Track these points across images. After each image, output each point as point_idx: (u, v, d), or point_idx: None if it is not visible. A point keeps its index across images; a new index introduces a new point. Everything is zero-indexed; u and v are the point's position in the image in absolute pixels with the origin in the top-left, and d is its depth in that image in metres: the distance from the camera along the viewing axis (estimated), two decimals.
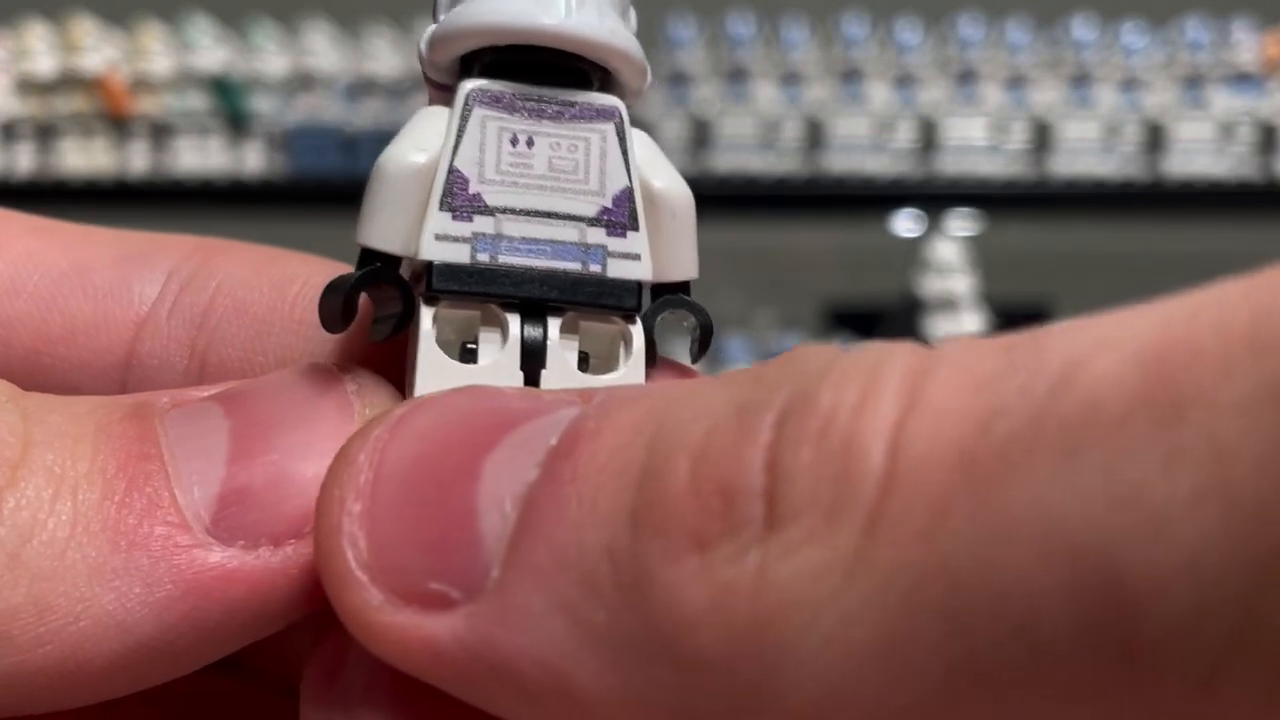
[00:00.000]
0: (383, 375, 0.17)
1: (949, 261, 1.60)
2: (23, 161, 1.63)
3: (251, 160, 1.64)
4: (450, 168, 0.16)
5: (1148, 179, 1.62)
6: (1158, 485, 0.10)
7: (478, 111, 0.17)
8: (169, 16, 1.66)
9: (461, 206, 0.16)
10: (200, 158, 1.63)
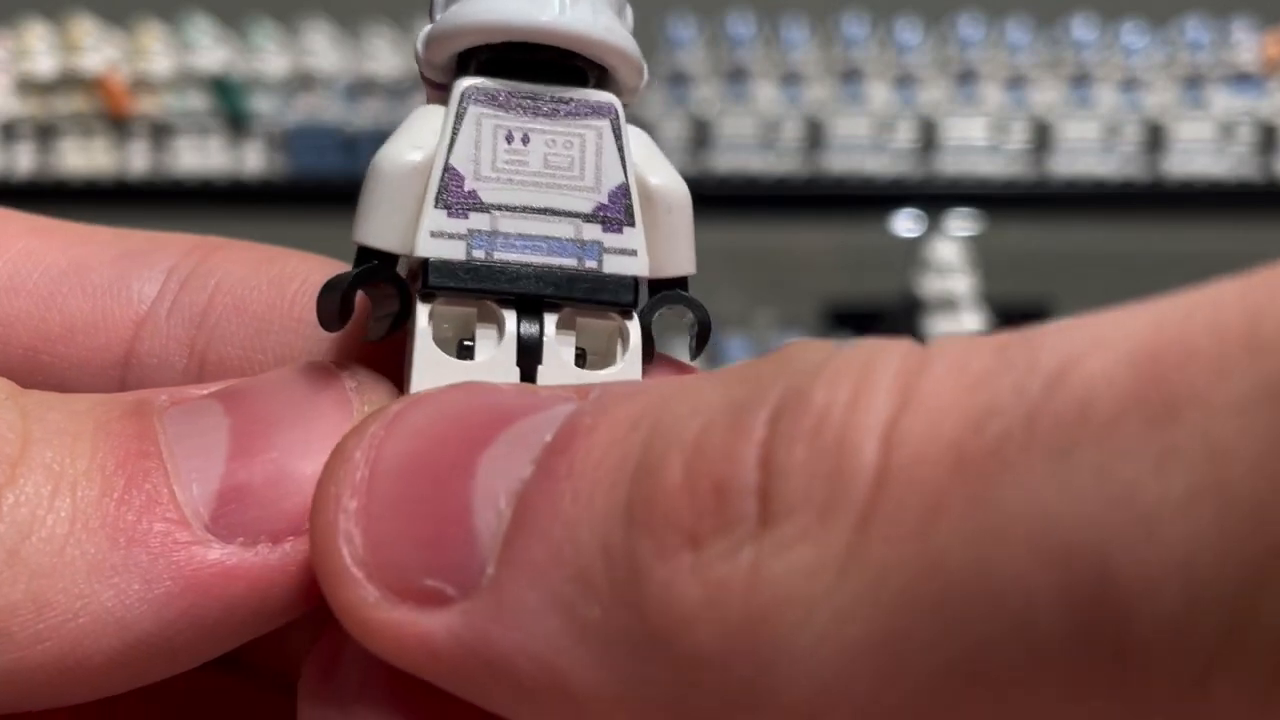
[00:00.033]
0: (382, 373, 0.17)
1: (949, 261, 1.60)
2: (23, 161, 1.63)
3: (251, 160, 1.64)
4: (446, 165, 0.17)
5: (1148, 179, 1.62)
6: (1151, 485, 0.10)
7: (473, 109, 0.17)
8: (169, 16, 1.65)
9: (457, 204, 0.17)
10: (200, 158, 1.63)
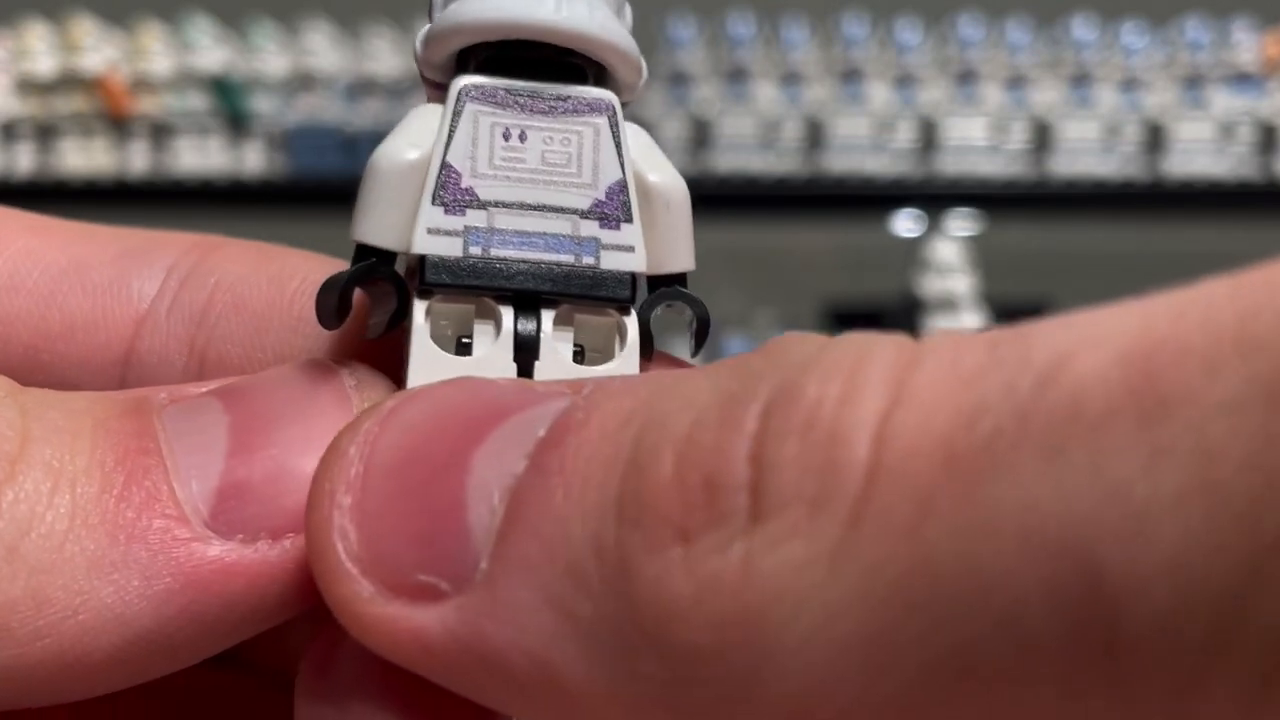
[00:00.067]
0: (382, 370, 0.17)
1: (949, 261, 1.60)
2: (23, 161, 1.63)
3: (251, 160, 1.64)
4: (443, 163, 0.17)
5: (1148, 179, 1.61)
6: (1141, 484, 0.10)
7: (470, 107, 0.17)
8: (169, 16, 1.65)
9: (454, 201, 0.17)
10: (200, 158, 1.63)
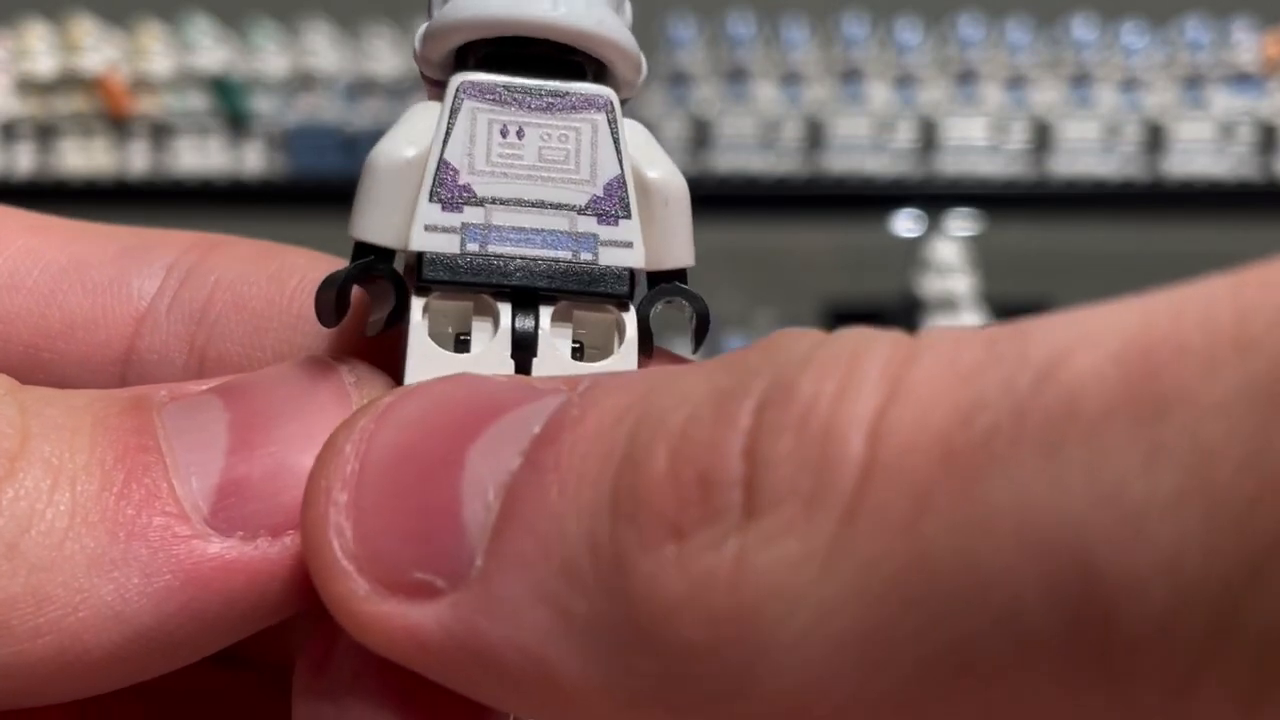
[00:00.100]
0: (381, 368, 0.17)
1: (949, 261, 1.60)
2: (23, 161, 1.63)
3: (251, 160, 1.64)
4: (440, 160, 0.17)
5: (1148, 179, 1.61)
6: (1138, 484, 0.10)
7: (468, 104, 0.17)
8: (169, 16, 1.65)
9: (451, 198, 0.17)
10: (200, 158, 1.63)
